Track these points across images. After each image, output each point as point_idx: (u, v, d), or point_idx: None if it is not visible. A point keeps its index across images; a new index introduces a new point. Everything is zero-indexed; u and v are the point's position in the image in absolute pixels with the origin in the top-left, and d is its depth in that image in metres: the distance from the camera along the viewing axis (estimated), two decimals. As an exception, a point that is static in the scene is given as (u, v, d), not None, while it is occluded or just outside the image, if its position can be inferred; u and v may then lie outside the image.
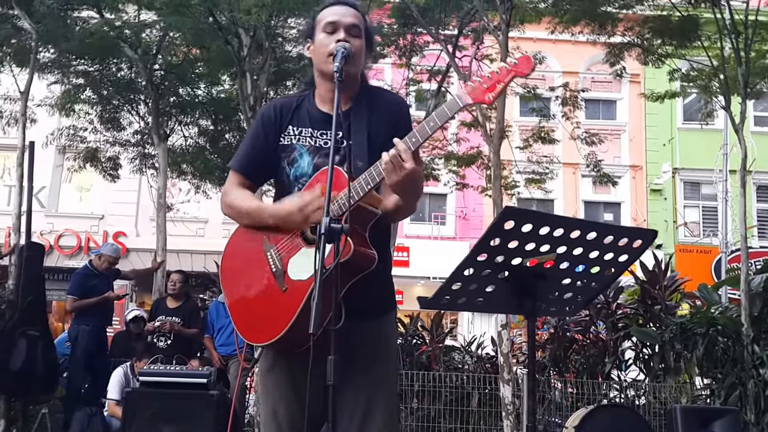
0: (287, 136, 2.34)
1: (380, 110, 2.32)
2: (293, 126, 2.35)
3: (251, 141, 2.41)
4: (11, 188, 15.80)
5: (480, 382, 7.15)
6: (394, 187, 2.08)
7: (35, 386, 6.75)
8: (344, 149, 2.23)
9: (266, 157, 2.35)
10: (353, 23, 2.30)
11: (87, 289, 7.35)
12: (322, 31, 2.30)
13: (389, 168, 2.02)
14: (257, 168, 2.38)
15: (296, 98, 2.42)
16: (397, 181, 2.04)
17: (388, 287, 2.36)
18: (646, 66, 9.96)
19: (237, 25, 7.40)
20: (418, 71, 10.97)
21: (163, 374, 5.58)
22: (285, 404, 2.24)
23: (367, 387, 2.22)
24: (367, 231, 2.16)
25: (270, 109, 2.40)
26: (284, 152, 2.33)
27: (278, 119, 2.36)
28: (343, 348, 2.10)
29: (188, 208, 15.48)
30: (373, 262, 2.12)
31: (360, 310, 2.11)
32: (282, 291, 2.18)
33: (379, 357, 2.27)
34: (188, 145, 11.33)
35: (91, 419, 6.72)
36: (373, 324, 2.27)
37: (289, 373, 2.24)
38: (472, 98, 2.04)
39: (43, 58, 9.43)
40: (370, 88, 2.41)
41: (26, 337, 6.66)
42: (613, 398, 7.14)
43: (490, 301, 2.40)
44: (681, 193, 19.14)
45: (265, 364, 2.32)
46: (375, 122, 2.29)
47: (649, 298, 7.60)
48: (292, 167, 2.31)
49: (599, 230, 2.20)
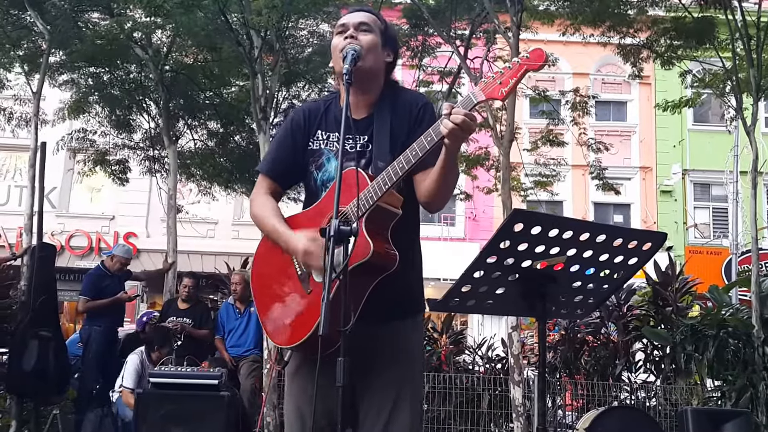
0: (316, 141, 2.35)
1: (402, 111, 2.31)
2: (322, 130, 2.36)
3: (279, 145, 2.42)
4: (23, 189, 15.91)
5: (490, 384, 7.14)
6: (452, 134, 1.98)
7: (47, 387, 6.78)
8: (369, 152, 2.24)
9: (294, 161, 2.37)
10: (362, 21, 2.31)
11: (99, 290, 7.39)
12: (336, 34, 2.33)
13: (459, 130, 1.95)
14: (285, 172, 2.40)
15: (324, 102, 2.43)
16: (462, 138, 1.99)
17: (415, 289, 2.35)
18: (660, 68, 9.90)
19: (248, 26, 7.42)
20: (429, 72, 10.96)
21: (174, 375, 5.60)
22: (311, 406, 2.22)
23: (391, 389, 2.22)
24: (389, 231, 2.15)
25: (299, 113, 2.42)
26: (312, 157, 2.34)
27: (307, 124, 2.37)
28: (366, 350, 2.14)
29: (198, 209, 15.53)
30: (394, 263, 2.11)
31: (385, 311, 2.13)
32: (307, 293, 2.19)
33: (402, 359, 2.27)
34: (198, 147, 11.37)
35: (103, 420, 6.76)
36: (398, 325, 2.27)
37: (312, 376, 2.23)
38: (486, 94, 2.02)
39: (55, 62, 9.49)
40: (395, 88, 2.39)
41: (38, 337, 6.69)
42: (623, 400, 7.11)
43: (500, 304, 2.40)
44: (691, 194, 19.06)
45: (292, 366, 2.33)
46: (397, 124, 2.28)
47: (661, 300, 7.58)
48: (320, 172, 2.32)
49: (609, 233, 2.20)
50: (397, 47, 2.43)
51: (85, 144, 11.32)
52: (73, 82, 10.25)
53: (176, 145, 10.17)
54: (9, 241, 16.23)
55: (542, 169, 12.04)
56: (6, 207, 17.57)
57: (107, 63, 9.67)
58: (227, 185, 11.72)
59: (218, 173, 11.43)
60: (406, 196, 2.21)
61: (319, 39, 9.48)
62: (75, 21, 8.84)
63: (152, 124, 10.78)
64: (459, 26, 9.82)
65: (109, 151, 11.36)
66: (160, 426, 5.28)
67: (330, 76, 9.95)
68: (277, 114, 9.47)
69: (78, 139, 11.20)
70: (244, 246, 15.36)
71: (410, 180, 2.22)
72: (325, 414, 2.11)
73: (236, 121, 10.67)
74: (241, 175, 11.21)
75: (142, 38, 9.29)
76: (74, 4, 8.74)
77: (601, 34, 9.17)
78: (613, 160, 15.32)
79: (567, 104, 11.21)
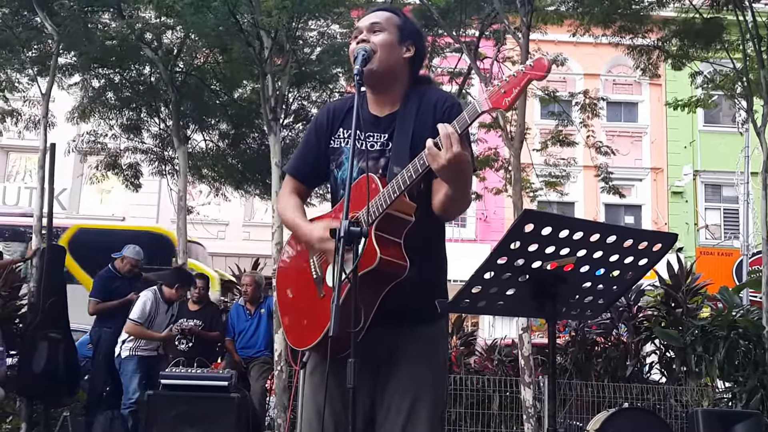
0: (337, 139, 2.36)
1: (425, 111, 2.29)
2: (344, 129, 2.36)
3: (304, 145, 2.45)
4: (32, 190, 16.00)
5: (501, 385, 7.13)
6: (441, 173, 2.02)
7: (57, 388, 6.81)
8: (389, 152, 2.23)
9: (318, 161, 2.39)
10: (373, 21, 2.31)
11: (109, 291, 7.39)
12: (351, 39, 2.35)
13: (433, 153, 1.98)
14: (310, 172, 2.43)
15: (350, 101, 2.38)
16: (442, 165, 1.98)
17: (437, 294, 2.27)
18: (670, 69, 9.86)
19: (258, 27, 7.44)
20: (439, 73, 10.96)
21: (184, 377, 5.62)
22: (330, 407, 2.22)
23: (410, 392, 2.21)
24: (402, 238, 2.14)
25: (323, 113, 2.44)
26: (333, 155, 2.36)
27: (330, 123, 2.38)
28: (386, 354, 2.18)
29: (209, 210, 15.59)
30: (404, 271, 2.10)
31: (404, 315, 2.15)
32: (320, 297, 2.21)
33: (423, 363, 2.25)
34: (209, 148, 11.41)
35: (113, 422, 6.78)
36: (419, 330, 2.26)
37: (332, 376, 2.20)
38: (491, 103, 2.01)
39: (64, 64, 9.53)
40: (421, 88, 2.36)
41: (48, 339, 6.72)
42: (634, 401, 7.08)
43: (510, 305, 2.39)
44: (702, 195, 18.99)
45: (310, 367, 2.35)
46: (420, 125, 2.26)
47: (672, 301, 7.56)
48: (339, 170, 2.33)
49: (619, 233, 2.18)
50: (419, 40, 2.38)
51: (96, 147, 11.37)
52: (83, 84, 10.30)
53: (186, 146, 10.20)
54: (20, 242, 16.34)
55: (552, 169, 12.01)
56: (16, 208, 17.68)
57: (117, 64, 9.71)
58: (238, 186, 11.75)
59: (229, 174, 11.46)
60: (427, 201, 2.21)
61: (329, 40, 9.49)
62: (85, 22, 8.87)
63: (162, 126, 10.83)
64: (469, 27, 9.82)
65: (120, 155, 11.40)
66: (171, 427, 5.31)
67: (342, 76, 9.97)
68: (288, 115, 9.49)
69: (88, 142, 11.25)
70: (254, 247, 15.42)
71: (430, 186, 2.22)
72: (344, 412, 2.12)
73: (247, 122, 10.69)
74: (253, 176, 11.23)
75: (152, 39, 9.32)
76: (83, 4, 8.78)
77: (612, 34, 9.14)
78: (624, 161, 15.28)
79: (577, 106, 11.19)
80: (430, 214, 2.21)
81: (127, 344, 6.73)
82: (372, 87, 2.31)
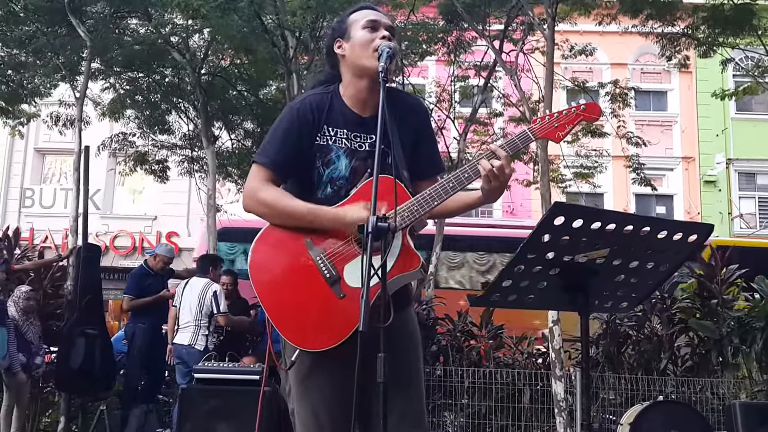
0: (323, 137, 2.29)
1: (405, 116, 2.32)
2: (329, 126, 2.30)
3: (285, 137, 2.30)
4: (68, 192, 16.30)
5: (531, 379, 7.09)
6: (491, 191, 2.19)
7: (94, 383, 6.95)
8: (392, 154, 2.20)
9: (298, 155, 2.28)
10: (390, 26, 2.31)
11: (143, 288, 7.51)
12: (362, 28, 2.28)
13: (492, 175, 2.14)
14: (287, 166, 2.29)
15: (326, 95, 2.34)
16: (497, 186, 2.17)
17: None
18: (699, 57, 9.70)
19: (283, 28, 7.47)
20: (465, 67, 10.92)
21: (216, 371, 5.69)
22: (326, 408, 2.21)
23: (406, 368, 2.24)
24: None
25: (306, 106, 2.31)
26: (320, 152, 2.28)
27: (315, 118, 2.29)
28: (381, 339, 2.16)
29: (236, 208, 15.70)
30: (420, 265, 2.17)
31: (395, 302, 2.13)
32: (339, 297, 2.15)
33: (412, 344, 2.31)
34: (235, 147, 11.51)
35: (148, 416, 6.90)
36: (404, 314, 2.30)
37: (330, 377, 2.19)
38: (542, 135, 2.22)
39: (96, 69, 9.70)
40: (390, 91, 2.29)
41: (85, 335, 6.87)
42: (668, 394, 6.99)
43: (541, 298, 2.38)
44: (735, 184, 18.63)
45: (303, 369, 2.24)
46: (403, 129, 2.29)
47: (706, 292, 7.43)
48: (328, 168, 2.27)
49: (653, 225, 2.16)
50: None
51: (125, 145, 11.55)
52: (113, 88, 10.47)
53: (214, 146, 10.31)
54: (55, 242, 16.66)
55: (583, 160, 11.90)
56: (52, 209, 18.02)
57: (145, 68, 9.85)
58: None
59: (255, 173, 11.53)
60: None
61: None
62: (115, 27, 9.01)
63: (190, 126, 10.95)
64: (494, 20, 9.76)
65: (149, 151, 11.57)
66: (204, 421, 5.38)
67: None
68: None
69: (118, 141, 11.44)
70: (282, 244, 15.49)
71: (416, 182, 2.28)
72: (342, 413, 2.13)
73: (272, 120, 10.74)
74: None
75: (179, 42, 9.43)
76: (114, 9, 8.91)
77: (641, 24, 9.01)
78: (655, 150, 15.06)
79: (607, 96, 11.06)
80: None
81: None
82: (372, 85, 2.26)
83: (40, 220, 17.25)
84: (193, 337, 6.77)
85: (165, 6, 8.51)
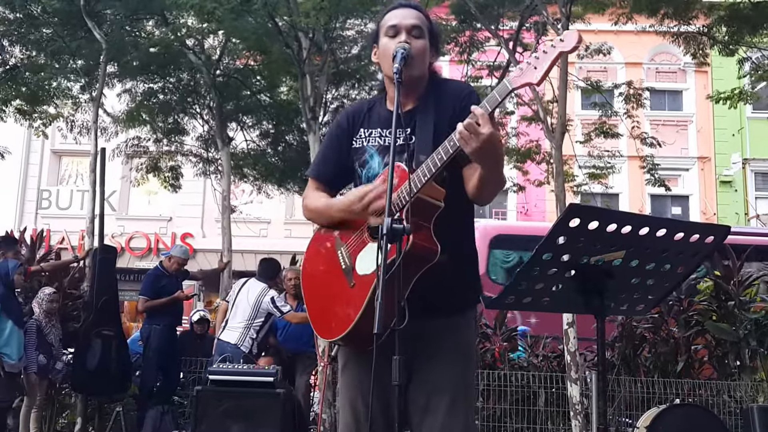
0: (358, 139, 2.39)
1: (445, 103, 2.31)
2: (364, 129, 2.39)
3: (325, 149, 2.49)
4: (84, 193, 16.43)
5: (547, 381, 7.04)
6: (475, 155, 2.02)
7: (110, 384, 7.00)
8: (412, 145, 2.23)
9: (340, 162, 2.41)
10: (414, 24, 2.30)
11: (158, 289, 7.55)
12: (385, 35, 2.32)
13: (465, 136, 1.98)
14: (331, 174, 2.44)
15: (368, 102, 2.49)
16: (476, 147, 1.98)
17: (467, 284, 2.32)
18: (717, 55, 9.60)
19: (296, 29, 7.50)
20: (478, 67, 10.88)
21: (231, 372, 5.70)
22: (363, 400, 2.25)
23: (446, 387, 2.20)
24: (432, 224, 2.13)
25: (343, 116, 2.47)
26: (356, 155, 2.37)
27: (350, 125, 2.41)
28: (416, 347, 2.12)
29: (251, 209, 15.79)
30: (435, 255, 2.09)
31: (433, 305, 2.12)
32: (350, 287, 2.20)
33: (454, 357, 2.25)
34: (250, 148, 11.55)
35: (164, 417, 6.92)
36: (449, 321, 2.25)
37: (366, 370, 2.19)
38: (520, 81, 2.02)
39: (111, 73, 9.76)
40: (438, 82, 2.39)
41: (101, 336, 6.91)
42: (685, 397, 6.93)
43: (556, 301, 2.37)
44: (752, 184, 18.45)
45: (342, 361, 2.38)
46: (441, 117, 2.27)
47: (723, 294, 7.35)
48: (364, 169, 2.35)
49: (669, 227, 2.14)
50: (439, 41, 2.46)
51: (139, 150, 11.62)
52: (129, 92, 10.54)
53: (229, 147, 10.35)
54: (72, 243, 16.77)
55: (596, 161, 11.81)
56: (69, 211, 18.16)
57: (161, 70, 9.91)
58: (280, 184, 11.87)
59: (270, 173, 11.58)
60: (454, 191, 2.18)
61: (367, 38, 9.51)
62: (131, 30, 9.07)
63: (206, 128, 11.01)
64: (507, 20, 9.71)
65: (162, 158, 11.62)
66: (220, 422, 5.40)
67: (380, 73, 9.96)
68: (326, 113, 9.55)
69: (132, 146, 11.51)
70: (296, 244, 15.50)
71: (459, 174, 2.20)
72: (380, 409, 2.14)
73: (287, 121, 10.80)
74: (293, 174, 11.35)
75: (194, 45, 9.49)
76: (130, 12, 8.97)
77: (657, 23, 8.94)
78: (670, 150, 14.95)
79: (621, 96, 10.98)
80: (455, 204, 2.19)
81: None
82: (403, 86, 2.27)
83: (57, 221, 17.38)
84: (241, 337, 6.75)
85: (180, 9, 8.56)
